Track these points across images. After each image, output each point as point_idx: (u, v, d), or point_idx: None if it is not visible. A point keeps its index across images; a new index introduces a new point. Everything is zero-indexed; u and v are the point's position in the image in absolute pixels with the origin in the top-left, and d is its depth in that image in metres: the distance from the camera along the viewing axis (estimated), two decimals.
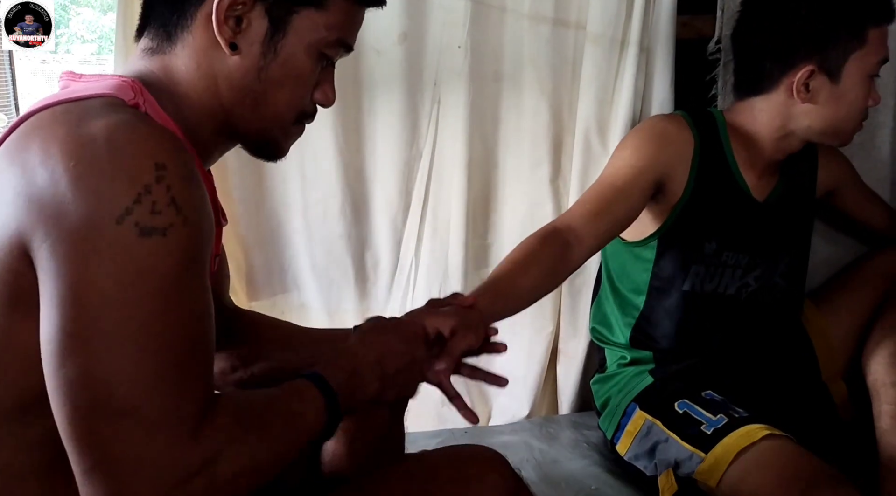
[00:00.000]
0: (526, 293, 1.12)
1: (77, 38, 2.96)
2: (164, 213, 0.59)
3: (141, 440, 0.58)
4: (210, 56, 0.74)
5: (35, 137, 0.63)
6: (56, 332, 0.58)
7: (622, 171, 1.24)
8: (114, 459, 0.57)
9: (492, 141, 1.52)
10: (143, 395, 0.58)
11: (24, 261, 0.61)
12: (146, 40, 0.76)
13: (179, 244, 0.60)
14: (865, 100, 1.24)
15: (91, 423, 0.58)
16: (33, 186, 0.60)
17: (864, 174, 1.55)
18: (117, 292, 0.58)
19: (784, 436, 1.14)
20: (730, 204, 1.31)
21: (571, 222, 1.18)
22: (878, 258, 1.48)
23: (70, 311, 0.58)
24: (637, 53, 1.44)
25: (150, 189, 0.59)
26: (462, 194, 1.48)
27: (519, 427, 1.51)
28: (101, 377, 0.58)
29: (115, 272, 0.58)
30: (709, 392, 1.26)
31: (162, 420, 0.58)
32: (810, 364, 1.42)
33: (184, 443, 0.59)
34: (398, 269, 1.54)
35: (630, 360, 1.37)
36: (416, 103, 1.46)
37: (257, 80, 0.75)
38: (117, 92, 0.68)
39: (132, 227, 0.58)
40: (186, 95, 0.75)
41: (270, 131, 0.80)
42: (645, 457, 1.25)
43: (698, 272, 1.31)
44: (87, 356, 0.58)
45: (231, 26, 0.73)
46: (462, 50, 1.42)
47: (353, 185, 1.48)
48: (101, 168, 0.59)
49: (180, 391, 0.60)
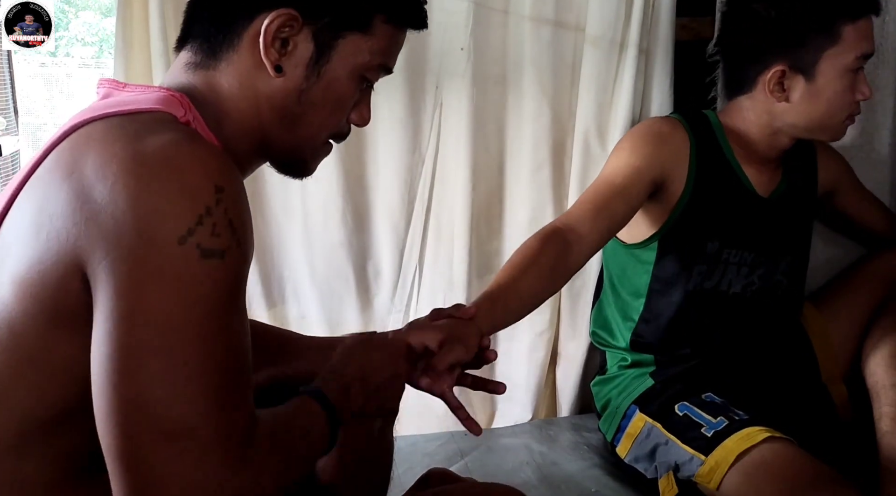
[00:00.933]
0: (527, 296, 1.11)
1: (77, 41, 2.97)
2: (223, 235, 0.60)
3: (193, 462, 0.57)
4: (254, 76, 0.74)
5: (90, 151, 0.62)
6: (113, 351, 0.58)
7: (620, 170, 1.25)
8: (164, 481, 0.57)
9: (495, 145, 1.51)
10: (199, 417, 0.58)
11: (77, 277, 0.60)
12: (189, 54, 0.76)
13: (234, 267, 0.61)
14: (847, 95, 1.23)
15: (144, 443, 0.57)
16: (91, 203, 0.59)
17: (864, 175, 1.55)
18: (178, 313, 0.58)
19: (784, 438, 1.14)
20: (733, 201, 1.31)
21: (571, 222, 1.18)
22: (877, 260, 1.47)
23: (129, 331, 0.58)
24: (636, 55, 1.44)
25: (210, 211, 0.59)
26: (466, 200, 1.46)
27: (519, 429, 1.51)
28: (158, 397, 0.57)
29: (175, 293, 0.58)
30: (709, 394, 1.26)
31: (215, 442, 0.58)
32: (810, 365, 1.42)
33: (235, 466, 0.59)
34: (401, 279, 1.52)
35: (631, 362, 1.37)
36: (417, 107, 1.45)
37: (298, 102, 0.76)
38: (168, 107, 0.68)
39: (194, 248, 0.58)
40: (228, 113, 0.75)
41: (302, 151, 0.81)
42: (645, 459, 1.25)
43: (701, 271, 1.31)
44: (145, 376, 0.57)
45: (277, 48, 0.73)
46: (464, 52, 1.41)
47: (354, 191, 1.47)
48: (163, 188, 0.59)
49: (232, 412, 0.60)
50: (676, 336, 1.34)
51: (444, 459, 1.37)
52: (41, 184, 0.65)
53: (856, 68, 1.22)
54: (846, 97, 1.24)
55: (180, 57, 0.77)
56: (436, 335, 0.94)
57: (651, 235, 1.32)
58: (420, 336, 0.94)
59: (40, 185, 0.65)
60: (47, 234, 0.61)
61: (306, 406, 0.73)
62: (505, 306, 1.07)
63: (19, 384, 0.63)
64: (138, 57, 1.32)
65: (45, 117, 3.44)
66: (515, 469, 1.36)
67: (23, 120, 1.40)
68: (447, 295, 1.50)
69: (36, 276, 0.61)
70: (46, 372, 0.63)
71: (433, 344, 0.94)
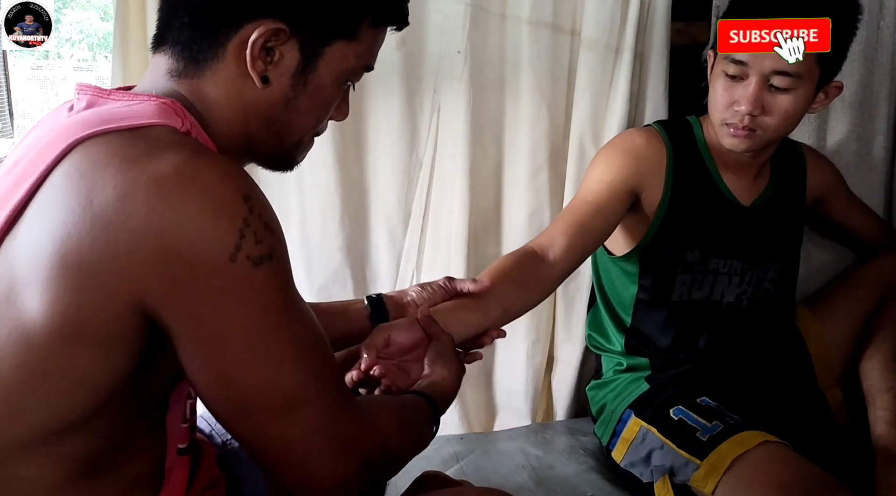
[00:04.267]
0: (493, 309, 1.09)
1: (68, 41, 2.96)
2: (265, 240, 0.63)
3: (321, 425, 0.66)
4: (239, 86, 0.73)
5: (106, 178, 0.61)
6: (219, 371, 0.63)
7: (594, 186, 1.25)
8: (306, 448, 0.65)
9: (492, 148, 1.50)
10: (312, 390, 0.66)
11: (122, 304, 0.61)
12: (170, 60, 0.74)
13: (283, 260, 0.65)
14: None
15: (275, 429, 0.65)
16: (128, 234, 0.60)
17: (859, 180, 1.56)
18: (257, 320, 0.63)
19: (780, 442, 1.14)
20: (712, 210, 1.31)
21: (544, 241, 1.19)
22: (873, 264, 1.47)
23: (225, 349, 0.63)
24: (631, 60, 1.44)
25: (248, 221, 0.62)
26: (464, 204, 1.46)
27: (515, 433, 1.51)
28: (272, 393, 0.64)
29: (246, 305, 0.62)
30: (704, 398, 1.26)
31: (336, 404, 0.67)
32: (806, 370, 1.42)
33: (356, 422, 0.68)
34: (398, 282, 1.51)
35: (626, 367, 1.37)
36: (415, 110, 1.45)
37: (284, 110, 0.76)
38: (166, 118, 0.68)
39: (245, 260, 0.61)
40: (215, 121, 0.74)
41: (287, 152, 0.81)
42: (641, 463, 1.24)
43: (685, 281, 1.31)
44: (254, 381, 0.63)
45: (262, 59, 0.72)
46: (461, 55, 1.41)
47: (352, 195, 1.46)
48: (199, 212, 0.60)
49: (336, 379, 0.69)
50: (669, 345, 1.34)
51: (440, 463, 1.37)
52: (54, 209, 0.63)
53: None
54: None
55: (159, 61, 0.75)
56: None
57: (634, 247, 1.33)
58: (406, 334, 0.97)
59: (54, 211, 0.63)
60: (79, 265, 0.60)
61: (417, 401, 0.82)
62: (469, 311, 1.07)
63: (31, 397, 0.63)
64: (135, 59, 1.32)
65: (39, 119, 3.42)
66: (511, 473, 1.36)
67: (17, 122, 1.40)
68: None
69: (66, 301, 0.61)
70: (61, 385, 0.63)
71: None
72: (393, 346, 0.94)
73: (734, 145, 1.22)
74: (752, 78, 1.16)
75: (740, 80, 1.18)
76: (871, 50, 1.55)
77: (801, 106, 1.19)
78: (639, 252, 1.32)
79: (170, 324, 0.62)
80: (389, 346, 0.93)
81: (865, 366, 1.36)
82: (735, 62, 1.17)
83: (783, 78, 1.15)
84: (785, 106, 1.18)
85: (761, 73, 1.16)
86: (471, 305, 1.07)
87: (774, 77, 1.16)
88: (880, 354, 1.35)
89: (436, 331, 0.96)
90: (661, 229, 1.30)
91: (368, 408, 0.72)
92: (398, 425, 0.74)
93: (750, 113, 1.17)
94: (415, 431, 0.78)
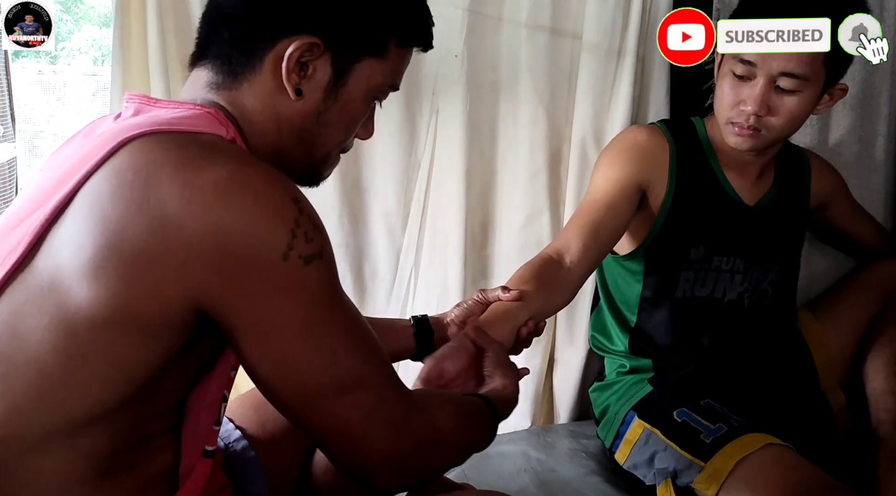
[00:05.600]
0: (521, 313, 1.09)
1: (80, 52, 2.98)
2: (315, 239, 0.67)
3: (376, 402, 0.69)
4: (274, 98, 0.77)
5: (161, 179, 0.64)
6: (276, 363, 0.67)
7: (602, 185, 1.26)
8: (360, 431, 0.69)
9: (490, 150, 1.52)
10: (366, 373, 0.69)
11: (175, 299, 0.64)
12: (210, 73, 0.78)
13: (331, 258, 0.69)
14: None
15: (331, 409, 0.68)
16: (182, 232, 0.63)
17: (861, 183, 1.57)
18: (309, 314, 0.67)
19: (783, 445, 1.14)
20: (715, 207, 1.31)
21: (560, 246, 1.19)
22: (875, 268, 1.47)
23: (280, 343, 0.66)
24: (633, 63, 1.45)
25: (298, 222, 0.65)
26: (461, 204, 1.48)
27: (517, 436, 1.51)
28: (328, 382, 0.68)
29: (299, 300, 0.66)
30: (707, 400, 1.26)
31: (389, 387, 0.71)
32: (809, 373, 1.42)
33: (409, 406, 0.72)
34: (396, 280, 1.53)
35: (629, 368, 1.37)
36: (413, 113, 1.47)
37: (316, 123, 0.79)
38: (212, 127, 0.72)
39: (297, 259, 0.65)
40: (252, 133, 0.77)
41: (316, 166, 0.84)
42: (644, 465, 1.24)
43: (688, 278, 1.32)
44: (311, 372, 0.67)
45: (297, 72, 0.76)
46: (459, 59, 1.43)
47: (351, 194, 1.48)
48: (254, 214, 0.64)
49: (388, 366, 0.73)
50: (673, 344, 1.34)
51: None
52: (105, 204, 0.65)
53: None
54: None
55: (199, 75, 0.79)
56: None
57: (638, 245, 1.33)
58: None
59: (105, 206, 0.65)
60: (134, 258, 0.63)
61: (479, 404, 0.84)
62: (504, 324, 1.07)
63: (65, 382, 0.65)
64: (135, 65, 1.33)
65: (42, 125, 3.43)
66: (513, 476, 1.35)
67: (20, 127, 1.40)
68: (442, 297, 1.51)
69: (119, 291, 0.63)
70: (98, 371, 0.65)
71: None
72: (445, 377, 0.94)
73: (738, 144, 1.23)
74: (759, 78, 1.17)
75: (747, 80, 1.19)
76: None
77: (807, 108, 1.20)
78: (644, 250, 1.32)
79: (226, 318, 0.66)
80: (442, 377, 0.94)
81: (868, 370, 1.36)
82: (743, 62, 1.18)
83: (790, 80, 1.16)
84: (790, 107, 1.18)
85: (769, 75, 1.16)
86: (501, 317, 1.07)
87: (781, 79, 1.16)
88: (883, 358, 1.35)
89: (487, 340, 0.98)
90: (666, 226, 1.30)
91: (423, 399, 0.76)
92: (454, 420, 0.77)
93: (756, 113, 1.18)
94: (470, 429, 0.81)
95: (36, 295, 0.65)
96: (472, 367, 0.96)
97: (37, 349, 0.65)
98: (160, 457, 0.73)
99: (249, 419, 0.98)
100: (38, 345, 0.65)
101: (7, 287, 0.67)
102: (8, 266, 0.67)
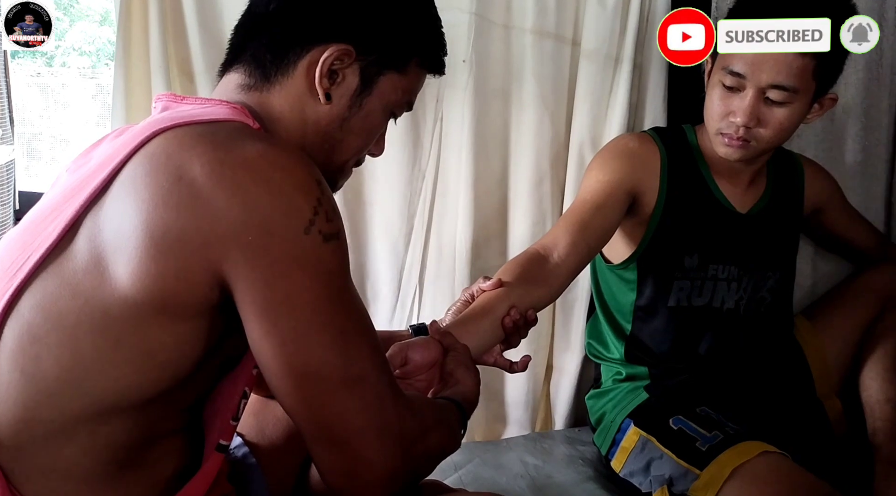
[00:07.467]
0: (501, 305, 1.10)
1: (74, 50, 2.96)
2: (334, 220, 0.69)
3: (373, 400, 0.69)
4: (303, 102, 0.80)
5: (193, 158, 0.67)
6: (283, 334, 0.67)
7: (592, 186, 1.26)
8: (357, 423, 0.68)
9: (496, 158, 1.49)
10: (368, 368, 0.69)
11: (203, 274, 0.66)
12: (241, 76, 0.81)
13: (345, 244, 0.71)
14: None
15: (329, 403, 0.68)
16: (211, 207, 0.65)
17: (861, 190, 1.57)
18: (322, 291, 0.67)
19: (779, 453, 1.14)
20: (708, 215, 1.31)
21: (548, 243, 1.19)
22: (871, 275, 1.48)
23: (290, 314, 0.66)
24: (631, 69, 1.45)
25: (321, 201, 0.68)
26: (468, 216, 1.45)
27: (513, 442, 1.51)
28: (332, 362, 0.67)
29: (314, 275, 0.67)
30: (703, 408, 1.26)
31: (386, 385, 0.71)
32: (805, 380, 1.42)
33: (404, 409, 0.71)
34: (399, 301, 1.50)
35: (625, 376, 1.37)
36: (417, 120, 1.44)
37: (339, 128, 0.83)
38: (240, 118, 0.75)
39: (318, 235, 0.67)
40: (275, 132, 0.80)
41: (333, 173, 0.87)
42: (640, 473, 1.24)
43: (682, 287, 1.32)
44: (316, 347, 0.67)
45: (328, 77, 0.80)
46: (466, 64, 1.42)
47: (352, 207, 1.45)
48: (280, 189, 0.66)
49: (388, 366, 0.73)
50: (669, 352, 1.34)
51: (438, 472, 1.34)
52: (139, 186, 0.68)
53: None
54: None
55: (230, 78, 0.82)
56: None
57: (631, 254, 1.33)
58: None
59: (139, 187, 0.68)
60: (163, 235, 0.65)
61: (449, 405, 0.84)
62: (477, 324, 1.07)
63: (98, 366, 0.67)
64: (137, 66, 1.32)
65: (40, 127, 3.42)
66: (510, 482, 1.35)
67: (18, 129, 1.40)
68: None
69: (149, 271, 0.65)
70: (131, 356, 0.67)
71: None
72: (410, 364, 0.94)
73: (728, 154, 1.24)
74: (748, 90, 1.17)
75: (737, 92, 1.19)
76: (872, 60, 1.56)
77: (796, 118, 1.20)
78: (637, 259, 1.33)
79: (240, 289, 0.67)
80: (407, 364, 0.94)
81: (864, 377, 1.36)
82: (732, 74, 1.18)
83: (779, 92, 1.16)
84: (780, 119, 1.19)
85: (758, 87, 1.16)
86: (479, 312, 1.08)
87: (771, 90, 1.16)
88: (879, 365, 1.35)
89: (451, 342, 0.98)
90: (658, 233, 1.30)
91: (414, 400, 0.76)
92: (436, 422, 0.78)
93: (745, 125, 1.18)
94: (448, 431, 0.81)
95: (71, 278, 0.67)
96: (437, 367, 0.96)
97: (72, 331, 0.66)
98: (173, 457, 0.74)
99: (249, 426, 0.99)
100: (73, 328, 0.66)
101: (41, 271, 0.68)
102: (42, 250, 0.69)
